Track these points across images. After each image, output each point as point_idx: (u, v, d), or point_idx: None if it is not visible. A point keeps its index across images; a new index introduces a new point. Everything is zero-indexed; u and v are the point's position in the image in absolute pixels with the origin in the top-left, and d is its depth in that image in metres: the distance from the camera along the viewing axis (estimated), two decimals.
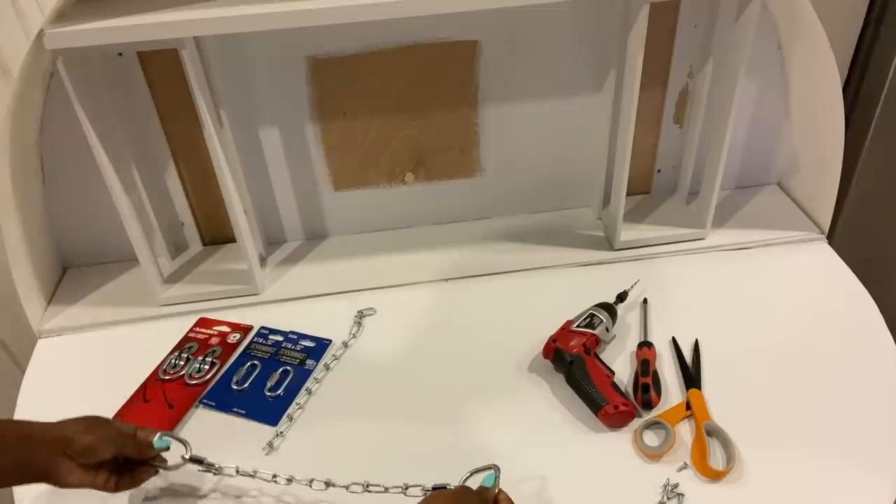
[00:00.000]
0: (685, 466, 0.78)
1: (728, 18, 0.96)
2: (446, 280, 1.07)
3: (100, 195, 0.97)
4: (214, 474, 0.76)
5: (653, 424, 0.83)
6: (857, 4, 1.05)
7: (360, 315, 1.00)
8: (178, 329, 1.00)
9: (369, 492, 0.75)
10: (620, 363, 0.91)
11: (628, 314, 0.98)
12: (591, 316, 0.92)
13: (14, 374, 0.99)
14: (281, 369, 0.93)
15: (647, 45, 0.91)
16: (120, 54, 0.94)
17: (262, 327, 1.00)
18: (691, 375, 0.88)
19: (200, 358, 0.95)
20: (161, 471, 0.75)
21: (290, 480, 0.76)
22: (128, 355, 0.97)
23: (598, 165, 1.12)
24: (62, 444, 0.67)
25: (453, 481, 0.72)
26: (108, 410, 0.88)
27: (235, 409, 0.89)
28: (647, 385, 0.85)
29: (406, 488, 0.75)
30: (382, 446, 0.83)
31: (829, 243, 1.09)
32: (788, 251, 1.08)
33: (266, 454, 0.83)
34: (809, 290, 1.01)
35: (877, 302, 0.97)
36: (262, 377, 0.92)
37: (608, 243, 1.10)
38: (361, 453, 0.82)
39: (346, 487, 0.76)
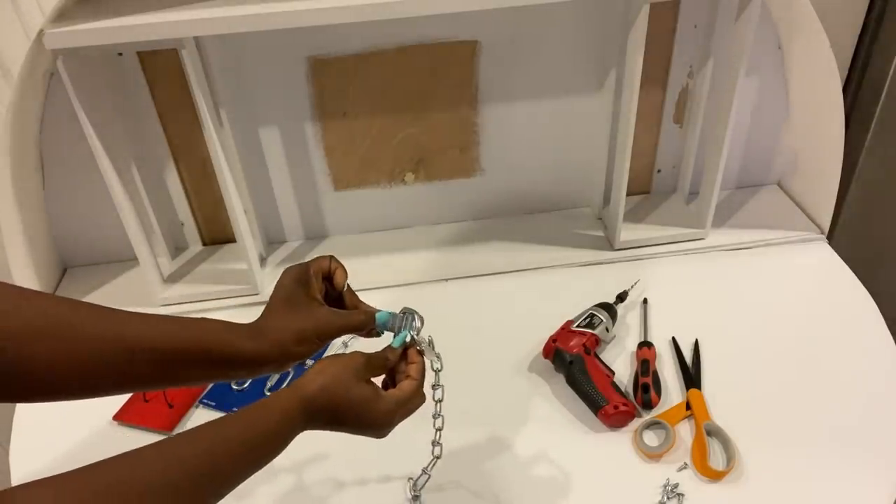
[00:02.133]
0: (685, 466, 0.78)
1: (728, 18, 0.96)
2: (446, 280, 1.06)
3: (100, 195, 0.97)
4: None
5: (653, 424, 0.83)
6: (857, 4, 1.05)
7: None
8: None
9: None
10: (620, 363, 0.91)
11: (628, 314, 0.98)
12: (591, 316, 0.92)
13: None
14: None
15: (647, 45, 0.91)
16: (120, 54, 0.94)
17: None
18: (691, 375, 0.88)
19: None
20: None
21: None
22: None
23: (598, 165, 1.12)
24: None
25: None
26: (108, 410, 0.88)
27: (236, 410, 0.88)
28: (647, 385, 0.85)
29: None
30: (380, 445, 0.83)
31: (829, 243, 1.09)
32: (788, 251, 1.08)
33: None
34: (809, 290, 1.01)
35: (877, 302, 0.97)
36: (262, 377, 0.92)
37: (608, 243, 1.10)
38: (359, 451, 0.82)
39: None
